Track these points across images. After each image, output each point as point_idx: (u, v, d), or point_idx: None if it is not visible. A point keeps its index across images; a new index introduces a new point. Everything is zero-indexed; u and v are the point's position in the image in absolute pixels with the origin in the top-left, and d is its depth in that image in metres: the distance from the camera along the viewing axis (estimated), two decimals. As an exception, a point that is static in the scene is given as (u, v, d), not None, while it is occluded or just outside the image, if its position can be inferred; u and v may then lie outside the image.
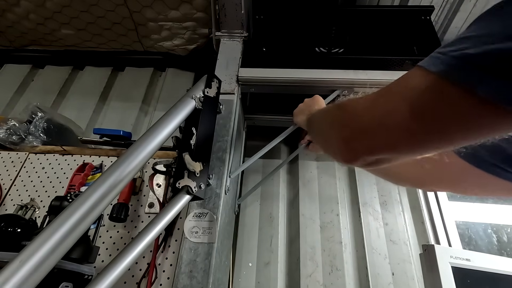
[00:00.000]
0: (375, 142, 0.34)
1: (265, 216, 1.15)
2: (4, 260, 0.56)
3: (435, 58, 0.29)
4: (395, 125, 0.31)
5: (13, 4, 1.27)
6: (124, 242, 0.89)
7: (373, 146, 0.34)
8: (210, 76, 0.84)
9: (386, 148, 0.34)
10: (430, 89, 0.28)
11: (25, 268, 0.39)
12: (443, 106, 0.27)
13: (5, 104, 1.51)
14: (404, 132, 0.31)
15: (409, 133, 0.31)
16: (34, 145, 1.07)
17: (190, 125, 0.74)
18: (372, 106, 0.35)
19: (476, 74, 0.25)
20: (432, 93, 0.28)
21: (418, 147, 0.32)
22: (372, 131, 0.34)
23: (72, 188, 0.93)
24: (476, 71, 0.25)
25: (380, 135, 0.33)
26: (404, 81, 0.33)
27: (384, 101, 0.33)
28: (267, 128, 1.27)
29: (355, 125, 0.36)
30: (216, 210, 0.77)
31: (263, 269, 1.04)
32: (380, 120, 0.33)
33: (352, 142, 0.36)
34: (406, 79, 0.32)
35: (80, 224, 0.45)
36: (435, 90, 0.28)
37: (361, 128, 0.35)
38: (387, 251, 1.04)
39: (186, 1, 1.19)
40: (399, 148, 0.33)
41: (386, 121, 0.32)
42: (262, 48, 1.08)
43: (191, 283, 0.68)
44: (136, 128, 1.43)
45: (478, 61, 0.25)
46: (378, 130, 0.33)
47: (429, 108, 0.29)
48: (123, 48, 1.49)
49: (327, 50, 1.07)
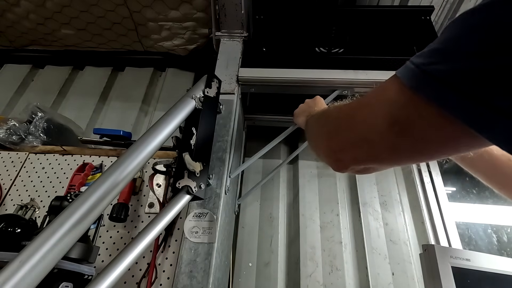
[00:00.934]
0: (359, 154, 0.35)
1: (265, 216, 1.15)
2: (4, 260, 0.56)
3: (409, 69, 0.29)
4: (377, 140, 0.32)
5: (13, 4, 1.27)
6: (124, 242, 0.89)
7: (358, 158, 0.36)
8: (210, 76, 0.84)
9: (370, 160, 0.35)
10: (406, 105, 0.29)
11: (25, 268, 0.39)
12: (420, 123, 0.28)
13: (5, 104, 1.51)
14: (385, 147, 0.32)
15: (390, 147, 0.32)
16: (34, 145, 1.07)
17: (190, 125, 0.74)
18: (354, 119, 0.36)
19: (444, 92, 0.24)
20: (408, 109, 0.29)
21: (400, 160, 0.33)
22: (356, 144, 0.35)
23: (72, 188, 0.93)
24: (444, 89, 0.24)
25: (363, 148, 0.34)
26: (382, 92, 0.33)
27: (365, 114, 0.34)
28: (267, 128, 1.27)
29: (340, 138, 0.38)
30: (216, 210, 0.77)
31: (263, 269, 1.04)
32: (362, 135, 0.34)
33: (338, 153, 0.38)
34: (384, 90, 0.33)
35: (80, 224, 0.45)
36: (410, 106, 0.28)
37: (346, 141, 0.36)
38: (387, 251, 1.04)
39: (186, 1, 1.19)
40: (382, 160, 0.34)
41: (367, 135, 0.33)
42: (262, 48, 1.08)
43: (191, 283, 0.68)
44: (136, 128, 1.43)
45: (446, 79, 0.24)
46: (361, 144, 0.34)
47: (407, 125, 0.29)
48: (123, 48, 1.49)
49: (327, 50, 1.07)
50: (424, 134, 0.28)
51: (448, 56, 0.25)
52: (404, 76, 0.29)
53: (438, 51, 0.26)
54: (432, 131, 0.27)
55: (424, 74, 0.26)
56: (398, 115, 0.30)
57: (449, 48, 0.25)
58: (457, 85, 0.23)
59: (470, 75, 0.23)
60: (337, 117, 0.40)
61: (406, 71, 0.29)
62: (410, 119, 0.29)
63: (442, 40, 0.26)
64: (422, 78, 0.27)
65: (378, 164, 0.36)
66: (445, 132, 0.26)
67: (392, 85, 0.31)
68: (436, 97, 0.25)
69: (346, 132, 0.37)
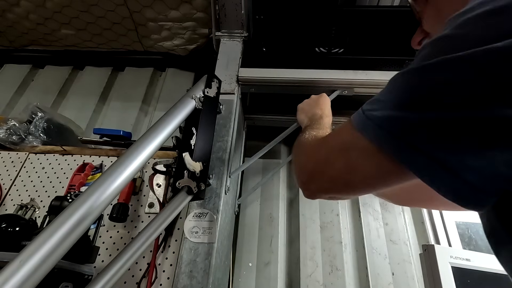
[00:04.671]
0: (323, 187, 0.41)
1: (265, 216, 1.15)
2: (4, 260, 0.56)
3: (358, 115, 0.35)
4: (335, 176, 0.38)
5: (13, 4, 1.27)
6: (124, 242, 0.89)
7: (322, 189, 0.42)
8: (210, 76, 0.84)
9: (332, 192, 0.41)
10: (356, 146, 0.35)
11: (25, 268, 0.39)
12: (367, 162, 0.34)
13: (5, 104, 1.51)
14: (342, 182, 0.38)
15: (346, 183, 0.38)
16: (34, 145, 1.07)
17: (190, 125, 0.74)
18: (316, 156, 0.43)
19: (380, 135, 0.31)
20: (357, 150, 0.34)
21: (356, 193, 0.40)
22: (319, 178, 0.41)
23: (72, 188, 0.93)
24: (381, 132, 0.30)
25: (324, 182, 0.40)
26: (339, 134, 0.40)
27: (326, 153, 0.41)
28: (267, 128, 1.27)
29: (307, 172, 0.44)
30: (216, 210, 0.77)
31: (263, 269, 1.04)
32: (322, 170, 0.40)
33: (306, 184, 0.44)
34: (340, 132, 0.40)
35: (80, 224, 0.45)
36: (359, 146, 0.34)
37: (311, 175, 0.43)
38: (387, 251, 1.04)
39: (186, 1, 1.19)
40: (341, 192, 0.40)
41: (327, 172, 0.39)
42: (262, 48, 1.08)
43: (191, 283, 0.68)
44: (136, 128, 1.42)
45: (381, 124, 0.31)
46: (322, 178, 0.40)
47: (358, 164, 0.35)
48: (123, 48, 1.49)
49: (327, 50, 1.07)
50: (368, 171, 0.34)
51: (383, 105, 0.32)
52: (355, 119, 0.36)
53: (379, 101, 0.33)
54: (373, 168, 0.33)
55: (366, 118, 0.33)
56: (349, 155, 0.36)
57: (385, 99, 0.32)
58: (389, 129, 0.30)
59: (397, 121, 0.29)
60: (306, 152, 0.48)
61: (357, 115, 0.36)
62: (358, 159, 0.34)
63: (383, 93, 0.33)
64: (365, 121, 0.33)
65: (340, 195, 0.42)
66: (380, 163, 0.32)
67: (346, 128, 0.38)
68: (374, 137, 0.32)
69: (311, 167, 0.43)
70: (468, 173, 0.25)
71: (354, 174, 0.36)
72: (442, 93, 0.25)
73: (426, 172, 0.27)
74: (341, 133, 0.40)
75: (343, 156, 0.37)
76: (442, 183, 0.27)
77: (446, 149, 0.25)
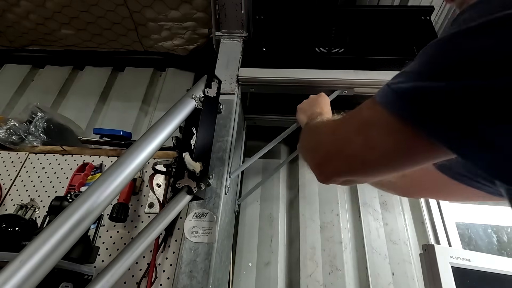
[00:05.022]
0: (339, 168, 0.39)
1: (265, 216, 1.15)
2: (4, 260, 0.56)
3: (383, 89, 0.33)
4: (352, 155, 0.36)
5: (13, 4, 1.27)
6: (124, 242, 0.89)
7: (338, 171, 0.40)
8: (210, 76, 0.84)
9: (348, 173, 0.39)
10: (377, 121, 0.32)
11: (25, 268, 0.39)
12: (388, 139, 0.31)
13: (5, 104, 1.51)
14: (360, 161, 0.36)
15: (364, 162, 0.35)
16: (34, 145, 1.07)
17: (190, 125, 0.74)
18: (334, 135, 0.40)
19: (407, 108, 0.28)
20: (379, 126, 0.32)
21: (374, 174, 0.37)
22: (336, 158, 0.39)
23: (72, 188, 0.93)
24: (407, 105, 0.28)
25: (341, 162, 0.38)
26: (359, 111, 0.37)
27: (344, 131, 0.39)
28: (267, 128, 1.27)
29: (322, 153, 0.42)
30: (216, 210, 0.77)
31: (263, 269, 1.04)
32: (339, 149, 0.38)
33: (321, 167, 0.42)
34: (361, 109, 0.37)
35: (80, 224, 0.45)
36: (381, 122, 0.32)
37: (327, 155, 0.41)
38: (387, 251, 1.04)
39: (186, 1, 1.19)
40: (358, 173, 0.38)
41: (345, 150, 0.37)
42: (262, 48, 1.08)
43: (191, 283, 0.68)
44: (136, 128, 1.43)
45: (407, 96, 0.28)
46: (339, 158, 0.38)
47: (378, 141, 0.33)
48: (123, 48, 1.49)
49: (327, 50, 1.07)
50: (392, 148, 0.32)
51: (411, 77, 0.29)
52: (378, 94, 0.33)
53: (406, 73, 0.31)
54: (398, 144, 0.31)
55: (392, 92, 0.31)
56: (371, 132, 0.33)
57: (413, 70, 0.30)
58: (418, 101, 0.28)
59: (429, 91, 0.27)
60: (322, 132, 0.45)
61: (381, 91, 0.33)
62: (380, 136, 0.32)
63: (411, 65, 0.31)
64: (389, 94, 0.31)
65: (355, 177, 0.40)
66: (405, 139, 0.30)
67: (367, 104, 0.35)
68: (400, 111, 0.29)
69: (327, 147, 0.41)
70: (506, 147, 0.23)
71: (373, 152, 0.33)
72: (483, 60, 0.23)
73: (462, 146, 0.25)
74: (362, 110, 0.36)
75: (362, 133, 0.34)
76: (482, 158, 0.25)
77: (487, 121, 0.23)
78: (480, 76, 0.23)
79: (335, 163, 0.39)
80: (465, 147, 0.25)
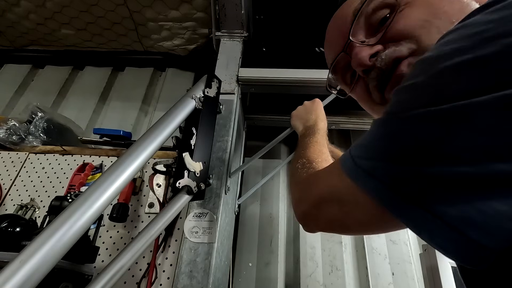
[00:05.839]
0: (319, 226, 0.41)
1: (265, 216, 1.15)
2: (4, 260, 0.56)
3: (348, 159, 0.33)
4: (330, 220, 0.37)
5: (13, 4, 1.27)
6: (124, 242, 0.89)
7: (319, 228, 0.42)
8: (210, 76, 0.84)
9: (329, 231, 0.41)
10: (346, 194, 0.33)
11: (25, 268, 0.39)
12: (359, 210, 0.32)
13: (5, 104, 1.51)
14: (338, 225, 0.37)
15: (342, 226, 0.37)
16: (34, 145, 1.07)
17: (190, 125, 0.74)
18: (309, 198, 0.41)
19: (372, 186, 0.28)
20: (348, 198, 0.33)
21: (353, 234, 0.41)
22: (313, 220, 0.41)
23: (72, 188, 0.93)
24: (372, 183, 0.28)
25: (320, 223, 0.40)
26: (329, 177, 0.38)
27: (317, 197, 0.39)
28: (267, 128, 1.27)
29: (300, 212, 0.44)
30: (216, 210, 0.77)
31: (263, 269, 1.04)
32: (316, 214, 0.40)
33: (303, 223, 0.44)
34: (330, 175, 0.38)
35: (80, 224, 0.45)
36: (350, 195, 0.32)
37: (305, 216, 0.43)
38: (387, 251, 1.04)
39: (186, 1, 1.19)
40: (338, 232, 0.40)
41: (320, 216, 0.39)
42: (262, 48, 1.09)
43: (191, 283, 0.68)
44: (136, 128, 1.43)
45: (372, 174, 0.29)
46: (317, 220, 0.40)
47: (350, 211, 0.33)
48: (123, 48, 1.49)
49: (327, 50, 1.07)
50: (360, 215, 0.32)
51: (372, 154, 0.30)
52: (344, 163, 0.34)
53: (367, 148, 0.31)
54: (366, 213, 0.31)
55: (356, 166, 0.31)
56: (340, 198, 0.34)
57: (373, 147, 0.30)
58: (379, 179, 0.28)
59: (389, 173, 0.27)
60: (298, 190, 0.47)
61: (346, 160, 0.34)
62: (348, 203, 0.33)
63: (370, 138, 0.31)
64: (355, 169, 0.31)
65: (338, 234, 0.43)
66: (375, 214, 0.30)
67: (335, 170, 0.36)
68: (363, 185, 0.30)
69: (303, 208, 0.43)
70: (470, 229, 0.22)
71: (349, 220, 0.34)
72: (435, 147, 0.24)
73: (424, 228, 0.25)
74: (331, 176, 0.37)
75: (336, 203, 0.35)
76: (444, 240, 0.24)
77: (444, 204, 0.23)
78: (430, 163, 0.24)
79: (315, 223, 0.41)
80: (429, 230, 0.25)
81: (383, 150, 0.28)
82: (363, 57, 0.39)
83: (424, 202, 0.24)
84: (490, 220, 0.21)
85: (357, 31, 0.41)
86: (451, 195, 0.23)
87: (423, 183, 0.24)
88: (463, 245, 0.23)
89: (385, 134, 0.29)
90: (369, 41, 0.40)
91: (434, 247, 0.25)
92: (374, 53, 0.39)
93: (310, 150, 0.56)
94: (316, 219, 0.40)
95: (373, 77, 0.40)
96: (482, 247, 0.22)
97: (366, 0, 0.39)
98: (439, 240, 0.24)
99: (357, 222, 0.33)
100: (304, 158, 0.54)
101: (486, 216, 0.21)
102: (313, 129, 0.65)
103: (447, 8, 0.34)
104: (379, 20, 0.39)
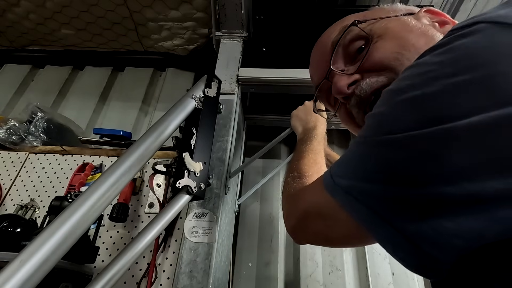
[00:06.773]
0: (307, 239, 0.45)
1: (265, 216, 1.15)
2: (4, 260, 0.56)
3: (328, 177, 0.36)
4: (315, 232, 0.41)
5: (13, 4, 1.27)
6: (124, 242, 0.89)
7: (308, 241, 0.45)
8: (210, 76, 0.84)
9: (317, 243, 0.46)
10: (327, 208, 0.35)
11: (25, 268, 0.39)
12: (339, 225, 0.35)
13: (5, 104, 1.51)
14: (323, 238, 0.41)
15: (327, 239, 0.41)
16: (34, 145, 1.07)
17: (190, 125, 0.74)
18: (297, 213, 0.44)
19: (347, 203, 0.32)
20: (329, 214, 0.36)
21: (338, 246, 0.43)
22: (301, 232, 0.44)
23: (72, 188, 0.93)
24: (347, 200, 0.31)
25: (308, 235, 0.43)
26: (314, 192, 0.41)
27: (303, 212, 0.42)
28: (267, 128, 1.27)
29: (290, 225, 0.47)
30: (216, 210, 0.77)
31: (263, 269, 1.04)
32: (303, 227, 0.43)
33: (293, 236, 0.47)
34: (315, 191, 0.40)
35: (80, 224, 0.45)
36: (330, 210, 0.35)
37: (294, 229, 0.46)
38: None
39: (186, 1, 1.19)
40: (325, 245, 0.45)
41: (307, 229, 0.42)
42: (262, 48, 1.08)
43: (191, 283, 0.68)
44: (136, 128, 1.42)
45: (347, 191, 0.32)
46: (305, 233, 0.43)
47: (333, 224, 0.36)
48: (123, 48, 1.49)
49: (327, 50, 1.07)
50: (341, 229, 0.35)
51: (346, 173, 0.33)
52: (325, 180, 0.37)
53: (344, 167, 0.34)
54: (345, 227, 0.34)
55: (334, 184, 0.34)
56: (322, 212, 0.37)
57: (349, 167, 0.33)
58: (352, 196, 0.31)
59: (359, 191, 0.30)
60: (288, 205, 0.51)
61: (327, 177, 0.36)
62: (329, 218, 0.36)
63: (348, 157, 0.34)
64: (333, 186, 0.34)
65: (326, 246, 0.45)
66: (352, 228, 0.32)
67: (319, 186, 0.38)
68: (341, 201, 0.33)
69: (292, 222, 0.46)
70: (424, 244, 0.25)
71: (332, 233, 0.37)
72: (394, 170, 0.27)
73: (389, 241, 0.28)
74: (314, 192, 0.40)
75: (319, 218, 0.38)
76: (404, 253, 0.27)
77: (404, 221, 0.26)
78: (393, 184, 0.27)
79: (303, 235, 0.45)
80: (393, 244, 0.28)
81: (357, 170, 0.31)
82: (342, 86, 0.43)
83: (390, 218, 0.27)
84: (439, 236, 0.24)
85: (337, 60, 0.46)
86: (410, 213, 0.26)
87: (389, 201, 0.27)
88: (418, 257, 0.26)
89: (358, 155, 0.32)
90: (348, 69, 0.44)
91: (397, 260, 0.28)
92: (352, 81, 0.43)
93: (304, 162, 0.58)
94: (303, 232, 0.43)
95: (354, 104, 0.44)
96: (434, 259, 0.25)
97: (343, 33, 0.44)
98: (400, 253, 0.27)
99: (339, 235, 0.37)
100: (296, 171, 0.56)
101: (437, 232, 0.24)
102: (311, 134, 0.66)
103: (414, 41, 0.39)
104: (355, 50, 0.44)
